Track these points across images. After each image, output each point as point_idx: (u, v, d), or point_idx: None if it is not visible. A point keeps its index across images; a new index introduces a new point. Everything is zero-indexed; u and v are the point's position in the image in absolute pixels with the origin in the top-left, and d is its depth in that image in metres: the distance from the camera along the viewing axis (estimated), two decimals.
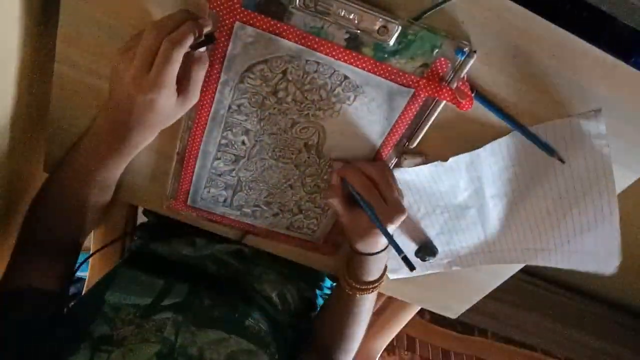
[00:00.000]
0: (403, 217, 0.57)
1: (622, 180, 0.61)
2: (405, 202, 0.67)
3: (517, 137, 0.58)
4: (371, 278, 0.65)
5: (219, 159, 0.63)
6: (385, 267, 0.67)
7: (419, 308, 0.94)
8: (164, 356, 0.54)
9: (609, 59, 0.52)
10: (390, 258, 0.71)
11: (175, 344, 0.56)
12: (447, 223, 0.69)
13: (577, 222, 0.63)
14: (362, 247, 0.63)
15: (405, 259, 0.56)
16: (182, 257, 0.76)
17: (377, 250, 0.63)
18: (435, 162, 0.61)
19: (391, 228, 0.58)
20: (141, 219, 0.92)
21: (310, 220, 0.70)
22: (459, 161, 0.61)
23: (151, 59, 0.47)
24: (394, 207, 0.57)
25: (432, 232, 0.71)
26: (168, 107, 0.50)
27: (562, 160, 0.59)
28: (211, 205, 0.69)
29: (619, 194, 0.62)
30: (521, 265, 0.73)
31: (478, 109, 0.56)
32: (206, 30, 0.49)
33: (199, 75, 0.51)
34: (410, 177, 0.64)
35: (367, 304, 0.69)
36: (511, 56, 0.52)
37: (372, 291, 0.66)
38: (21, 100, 0.59)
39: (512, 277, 0.77)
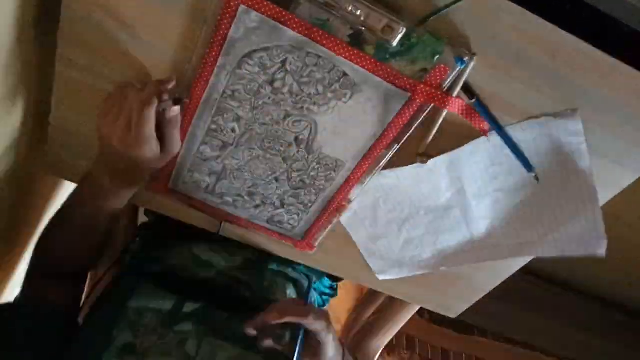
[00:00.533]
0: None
1: (621, 180, 0.62)
2: (389, 205, 0.67)
3: (495, 138, 0.59)
4: None
5: (206, 143, 0.62)
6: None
7: (419, 307, 0.94)
8: None
9: (609, 59, 0.52)
10: (377, 259, 0.71)
11: (195, 358, 0.57)
12: (431, 224, 0.70)
13: (558, 213, 0.65)
14: None
15: None
16: (191, 274, 0.73)
17: None
18: (416, 164, 0.62)
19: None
20: (141, 218, 0.92)
21: (291, 215, 0.70)
22: (438, 162, 0.62)
23: (129, 119, 0.52)
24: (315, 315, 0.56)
25: (418, 233, 0.71)
26: (154, 157, 0.55)
27: (537, 179, 0.62)
28: (193, 190, 0.68)
29: (619, 194, 0.63)
30: (521, 265, 0.74)
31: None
32: (170, 85, 0.52)
33: (173, 133, 0.56)
34: (392, 180, 0.64)
35: None
36: (511, 57, 0.53)
37: None
38: (22, 100, 0.59)
39: (512, 277, 0.76)
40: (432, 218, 0.69)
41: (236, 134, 0.61)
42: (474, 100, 0.55)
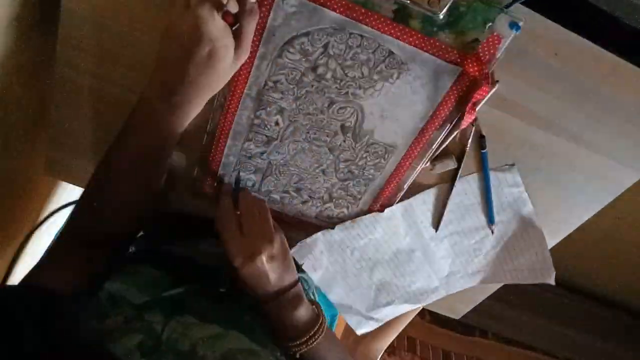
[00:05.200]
0: (266, 248, 0.54)
1: (625, 180, 0.62)
2: (356, 255, 0.72)
3: (443, 188, 0.65)
4: (294, 332, 0.55)
5: (250, 140, 0.61)
6: (319, 316, 0.58)
7: (420, 309, 0.91)
8: (148, 349, 0.47)
9: (611, 57, 0.52)
10: (353, 314, 0.76)
11: (161, 335, 0.49)
12: (398, 268, 0.73)
13: (510, 249, 0.71)
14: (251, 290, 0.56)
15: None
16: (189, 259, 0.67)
17: (266, 291, 0.56)
18: (373, 214, 0.67)
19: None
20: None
21: (340, 209, 0.68)
22: (394, 209, 0.67)
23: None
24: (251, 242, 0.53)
25: (387, 278, 0.75)
26: (227, 58, 0.47)
27: (492, 232, 0.69)
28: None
29: (622, 194, 0.63)
30: None
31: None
32: None
33: (251, 27, 0.48)
34: (355, 231, 0.69)
35: (324, 351, 0.58)
36: (513, 55, 0.51)
37: (309, 345, 0.55)
38: (22, 102, 0.59)
39: None
40: (397, 262, 0.72)
41: (280, 127, 0.59)
42: (485, 151, 0.59)
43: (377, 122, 0.57)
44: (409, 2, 0.47)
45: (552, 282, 0.71)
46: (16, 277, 0.77)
